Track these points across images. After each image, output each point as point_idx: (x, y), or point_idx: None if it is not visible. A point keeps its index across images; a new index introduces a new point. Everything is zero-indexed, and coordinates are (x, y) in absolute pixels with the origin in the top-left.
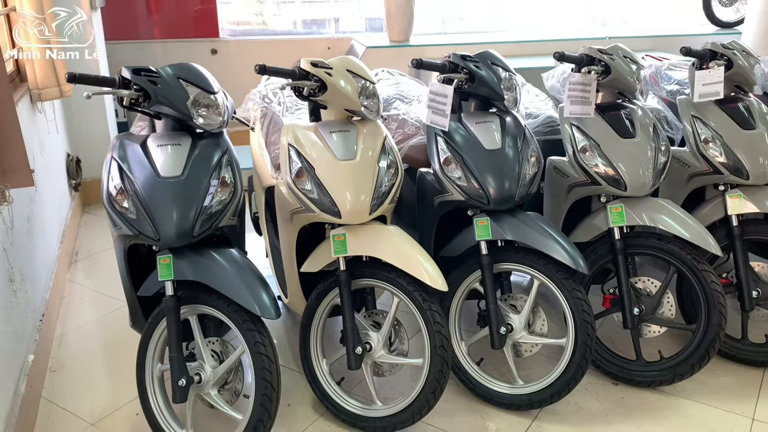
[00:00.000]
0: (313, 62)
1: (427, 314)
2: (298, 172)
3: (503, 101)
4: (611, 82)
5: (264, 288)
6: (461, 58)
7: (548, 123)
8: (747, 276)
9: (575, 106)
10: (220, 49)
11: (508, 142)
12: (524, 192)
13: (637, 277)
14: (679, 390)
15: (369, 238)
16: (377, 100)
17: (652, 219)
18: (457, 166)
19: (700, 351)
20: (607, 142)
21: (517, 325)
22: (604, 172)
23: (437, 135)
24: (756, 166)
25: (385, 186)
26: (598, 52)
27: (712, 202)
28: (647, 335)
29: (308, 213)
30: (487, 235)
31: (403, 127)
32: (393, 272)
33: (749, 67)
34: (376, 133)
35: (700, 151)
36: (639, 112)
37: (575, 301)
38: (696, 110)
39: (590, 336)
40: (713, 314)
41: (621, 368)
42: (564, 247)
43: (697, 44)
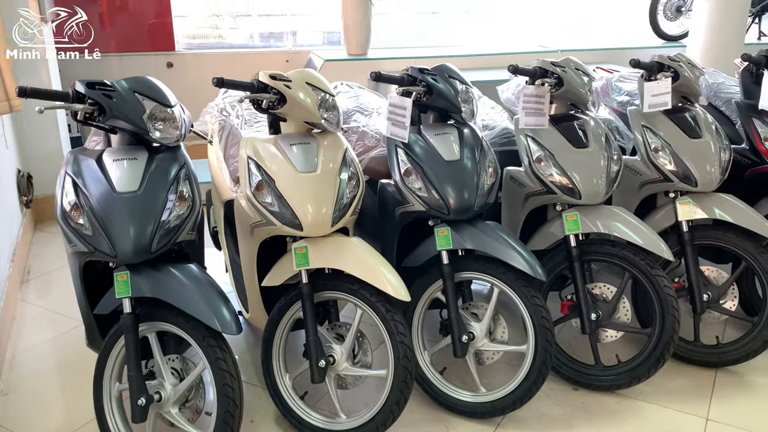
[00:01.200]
0: (272, 75)
1: (391, 325)
2: (258, 185)
3: (461, 113)
4: (564, 94)
5: (224, 303)
6: (419, 71)
7: (504, 134)
8: (698, 280)
9: (530, 117)
10: (176, 63)
11: (467, 153)
12: (483, 202)
13: (594, 283)
14: (636, 393)
15: (331, 250)
16: (337, 112)
17: (606, 226)
18: (417, 177)
19: (656, 354)
20: (561, 153)
21: (478, 333)
22: (559, 181)
23: (397, 147)
24: (704, 173)
25: (346, 198)
26: (551, 64)
27: (663, 209)
28: (605, 340)
29: (269, 226)
30: (448, 245)
31: (364, 140)
32: (356, 284)
33: (695, 78)
34: (337, 146)
35: (651, 159)
36: (591, 122)
37: (534, 308)
38: (646, 120)
39: (550, 342)
40: (667, 318)
41: (580, 373)
42: (522, 255)
43: (644, 57)
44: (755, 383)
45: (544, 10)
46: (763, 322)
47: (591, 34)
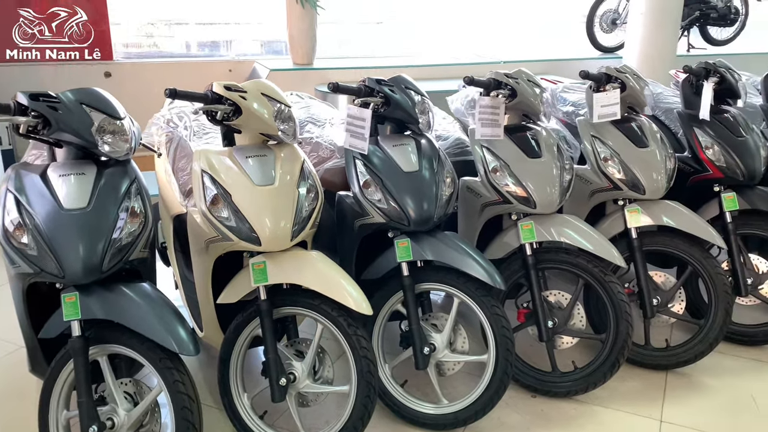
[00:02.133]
0: (227, 86)
1: (353, 340)
2: (214, 200)
3: (418, 124)
4: (517, 105)
5: (180, 323)
6: (376, 82)
7: (458, 144)
8: (648, 285)
9: (486, 128)
10: (115, 72)
11: (425, 164)
12: (442, 212)
13: (549, 290)
14: (592, 398)
15: (290, 264)
16: (293, 123)
17: (560, 234)
18: (376, 189)
19: (611, 359)
20: (516, 163)
21: (439, 345)
22: (515, 191)
23: (356, 158)
24: (651, 181)
25: (305, 211)
26: (505, 76)
27: (612, 217)
28: (561, 347)
29: (226, 242)
30: (408, 256)
31: (318, 151)
32: (316, 299)
33: (640, 89)
34: (294, 157)
35: (601, 168)
36: (543, 132)
37: (494, 317)
38: (595, 130)
39: (510, 351)
40: (621, 323)
41: (538, 380)
42: (481, 264)
43: (582, 68)
44: (704, 384)
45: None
46: (709, 324)
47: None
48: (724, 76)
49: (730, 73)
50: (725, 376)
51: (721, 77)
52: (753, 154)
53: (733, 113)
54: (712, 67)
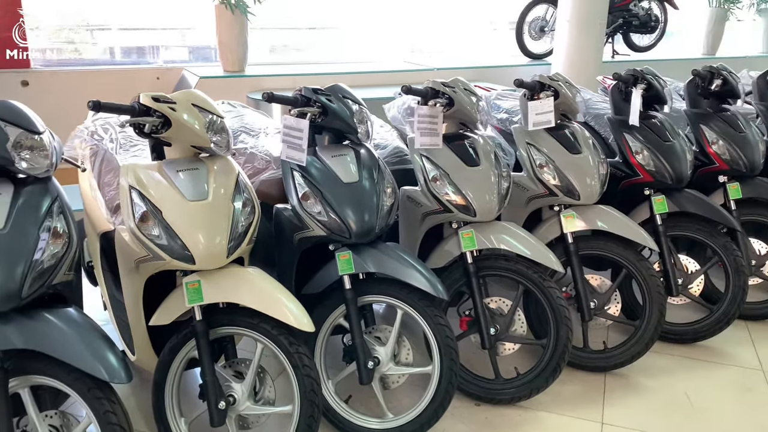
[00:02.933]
0: (155, 97)
1: (295, 358)
2: (143, 217)
3: (356, 134)
4: (455, 114)
5: (111, 348)
6: (313, 91)
7: (396, 153)
8: (584, 289)
9: (425, 137)
10: (32, 81)
11: (365, 175)
12: (384, 223)
13: (490, 297)
14: (536, 403)
15: (227, 282)
16: (226, 134)
17: (499, 241)
18: (316, 201)
19: (552, 364)
20: (455, 171)
21: (383, 358)
22: (455, 199)
23: (293, 170)
24: (585, 187)
25: (241, 226)
26: (442, 85)
27: (548, 222)
28: (503, 353)
29: (157, 261)
30: (350, 269)
31: (253, 162)
32: (255, 317)
33: (572, 96)
34: (228, 170)
35: (536, 175)
36: (480, 140)
37: (438, 327)
38: (530, 138)
39: (455, 361)
40: (561, 328)
41: (482, 388)
42: (423, 274)
43: (513, 74)
44: (642, 384)
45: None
46: (644, 325)
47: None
48: (651, 82)
49: (657, 79)
50: (661, 376)
51: (648, 84)
52: (680, 157)
53: (660, 118)
54: (639, 74)
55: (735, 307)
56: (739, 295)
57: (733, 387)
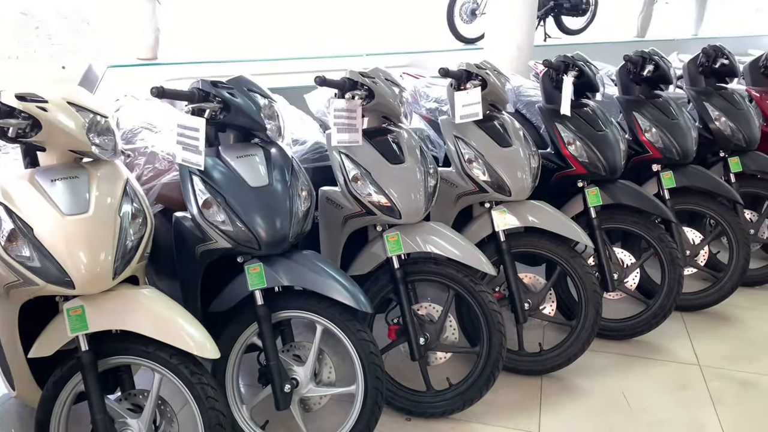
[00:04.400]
0: (20, 95)
1: (198, 389)
2: (10, 236)
3: (266, 131)
4: (376, 107)
5: None
6: (212, 85)
7: (317, 149)
8: (518, 289)
9: (343, 134)
10: None
11: (276, 177)
12: (298, 230)
13: (419, 303)
14: (470, 415)
15: (115, 306)
16: (112, 135)
17: (427, 244)
18: (219, 209)
19: (486, 373)
20: (377, 170)
21: (302, 379)
22: (378, 201)
23: (192, 174)
24: (516, 182)
25: (131, 241)
26: (360, 75)
27: (479, 220)
28: (434, 363)
29: (30, 286)
30: (262, 284)
31: (153, 162)
32: (150, 344)
33: (501, 85)
34: (115, 176)
35: (465, 171)
36: (405, 135)
37: (361, 343)
38: (458, 130)
39: (380, 379)
40: (494, 335)
41: (412, 402)
42: (345, 286)
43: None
44: (578, 386)
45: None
46: (581, 325)
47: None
48: (583, 69)
49: (588, 66)
50: (597, 376)
51: (579, 71)
52: (613, 148)
53: (592, 107)
54: (570, 60)
55: (671, 301)
56: (675, 287)
57: (669, 385)
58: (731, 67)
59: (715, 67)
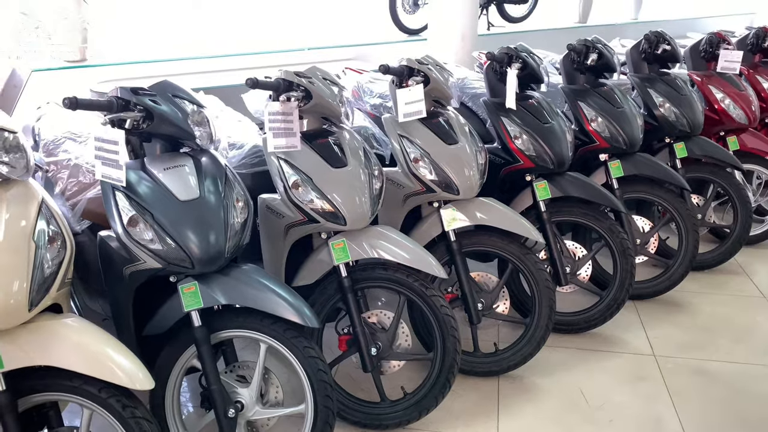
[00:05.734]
0: None
1: (131, 424)
2: None
3: (195, 139)
4: (314, 108)
5: None
6: (132, 92)
7: (255, 153)
8: (471, 289)
9: (279, 138)
10: None
11: (208, 188)
12: (235, 244)
13: (370, 311)
14: (427, 423)
15: (34, 340)
16: (24, 153)
17: (374, 249)
18: (146, 227)
19: (441, 380)
20: (319, 175)
21: (248, 401)
22: (321, 207)
23: (115, 190)
24: (463, 179)
25: (48, 267)
26: (296, 75)
27: (428, 219)
28: (388, 371)
29: None
30: (198, 304)
31: (77, 176)
32: (77, 378)
33: (444, 81)
34: (28, 197)
35: (411, 170)
36: (347, 136)
37: (308, 360)
38: (402, 129)
39: (330, 397)
40: (448, 340)
41: (367, 414)
42: (288, 301)
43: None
44: (536, 385)
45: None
46: (535, 323)
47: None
48: (527, 61)
49: (532, 57)
50: (555, 373)
51: (523, 62)
52: (560, 139)
53: (537, 98)
54: (514, 52)
55: (624, 291)
56: (627, 278)
57: (626, 377)
58: (673, 52)
59: (657, 53)
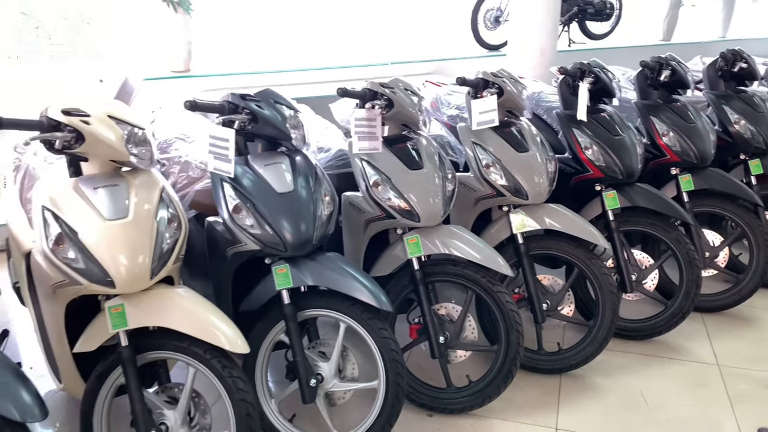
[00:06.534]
0: (65, 110)
1: (229, 382)
2: (58, 239)
3: (291, 140)
4: (395, 116)
5: (23, 384)
6: (241, 98)
7: (340, 156)
8: (537, 290)
9: (363, 141)
10: None
11: (301, 183)
12: (321, 233)
13: (439, 303)
14: (489, 411)
15: (153, 305)
16: (149, 146)
17: (446, 246)
18: (248, 213)
19: (504, 370)
20: (397, 175)
21: (327, 374)
22: (398, 205)
23: (223, 181)
24: (533, 186)
25: (167, 244)
26: (380, 86)
27: (498, 223)
28: (454, 361)
29: (75, 286)
30: (288, 284)
31: (187, 171)
32: (185, 340)
33: (518, 93)
34: (152, 184)
35: (483, 175)
36: (424, 142)
37: (382, 340)
38: (475, 137)
39: (401, 374)
40: (512, 333)
41: (434, 398)
42: (366, 286)
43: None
44: (597, 384)
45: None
46: (598, 325)
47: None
48: (599, 75)
49: (604, 72)
50: (616, 375)
51: (595, 77)
52: (630, 152)
53: (609, 112)
54: (586, 67)
55: (689, 302)
56: (693, 288)
57: (687, 384)
58: (750, 70)
59: (734, 70)
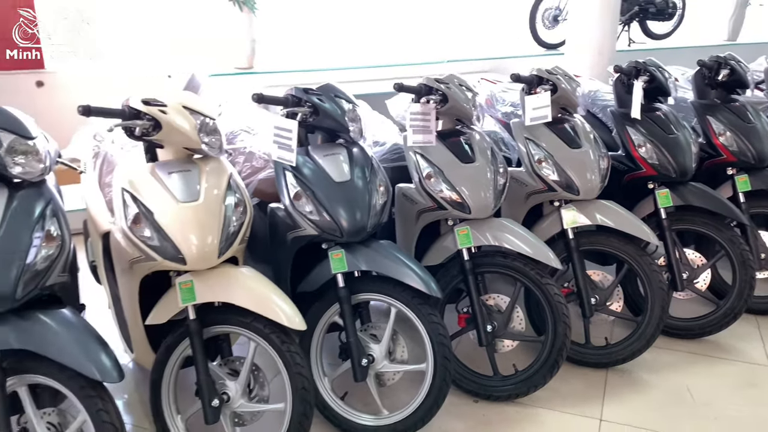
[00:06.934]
0: (145, 100)
1: (287, 356)
2: (135, 218)
3: (349, 133)
4: (449, 110)
5: (103, 349)
6: (303, 92)
7: (395, 150)
8: (585, 285)
9: (418, 135)
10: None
11: (357, 173)
12: (376, 221)
13: (488, 294)
14: (534, 400)
15: (219, 282)
16: (219, 136)
17: (496, 238)
18: (308, 200)
19: (551, 361)
20: (449, 168)
21: (378, 355)
22: (449, 197)
23: (285, 170)
24: (585, 182)
25: (233, 226)
26: (435, 81)
27: (549, 218)
28: (501, 350)
29: (150, 262)
30: (343, 268)
31: (251, 161)
32: (248, 316)
33: (572, 90)
34: (221, 171)
35: (535, 170)
36: (477, 136)
37: (431, 325)
38: (528, 132)
39: (448, 359)
40: (559, 325)
41: (480, 385)
42: (417, 273)
43: (528, 64)
44: (643, 380)
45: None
46: (646, 321)
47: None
48: (654, 74)
49: (660, 71)
50: (663, 371)
51: (650, 76)
52: (684, 150)
53: (664, 111)
54: (641, 66)
55: (741, 302)
56: (746, 289)
57: (736, 382)
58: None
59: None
